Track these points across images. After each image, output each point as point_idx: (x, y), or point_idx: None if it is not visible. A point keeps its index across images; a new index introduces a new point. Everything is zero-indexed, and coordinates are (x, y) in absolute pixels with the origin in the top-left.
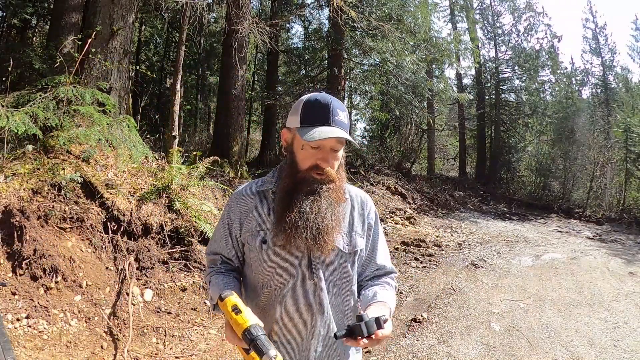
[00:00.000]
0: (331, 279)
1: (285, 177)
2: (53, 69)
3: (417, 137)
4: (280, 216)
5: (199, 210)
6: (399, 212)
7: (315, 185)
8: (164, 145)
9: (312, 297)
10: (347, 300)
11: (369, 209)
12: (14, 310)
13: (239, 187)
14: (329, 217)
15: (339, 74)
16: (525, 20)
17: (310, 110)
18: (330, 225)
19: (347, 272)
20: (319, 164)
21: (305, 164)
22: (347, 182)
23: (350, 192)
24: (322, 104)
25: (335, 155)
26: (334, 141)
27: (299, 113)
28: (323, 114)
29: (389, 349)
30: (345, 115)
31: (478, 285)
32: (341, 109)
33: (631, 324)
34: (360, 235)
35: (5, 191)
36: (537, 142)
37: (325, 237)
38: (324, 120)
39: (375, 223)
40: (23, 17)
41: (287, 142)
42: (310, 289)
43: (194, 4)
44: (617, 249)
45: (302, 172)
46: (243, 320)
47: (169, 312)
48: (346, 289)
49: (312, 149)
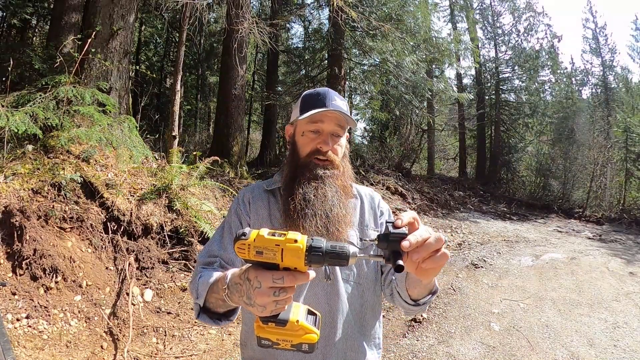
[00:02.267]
0: (347, 278)
1: (286, 167)
2: (53, 69)
3: (417, 137)
4: (286, 205)
5: (199, 210)
6: (399, 212)
7: (317, 170)
8: (164, 145)
9: (329, 296)
10: (367, 299)
11: (377, 202)
12: (14, 310)
13: (243, 189)
14: (337, 206)
15: (339, 74)
16: (525, 20)
17: (308, 99)
18: (340, 214)
19: (363, 269)
20: (320, 147)
21: (305, 149)
22: (355, 182)
23: (359, 189)
24: (319, 93)
25: (336, 140)
26: (333, 124)
27: (299, 105)
28: (320, 100)
29: (389, 349)
30: (344, 104)
31: (478, 285)
32: (339, 98)
33: (631, 324)
34: (373, 229)
35: (5, 191)
36: (537, 142)
37: (337, 226)
38: (321, 104)
39: (389, 215)
40: (23, 17)
41: (290, 136)
42: (326, 288)
43: (194, 4)
44: (617, 249)
45: (303, 158)
46: (293, 238)
47: (169, 312)
48: (365, 287)
49: (312, 134)
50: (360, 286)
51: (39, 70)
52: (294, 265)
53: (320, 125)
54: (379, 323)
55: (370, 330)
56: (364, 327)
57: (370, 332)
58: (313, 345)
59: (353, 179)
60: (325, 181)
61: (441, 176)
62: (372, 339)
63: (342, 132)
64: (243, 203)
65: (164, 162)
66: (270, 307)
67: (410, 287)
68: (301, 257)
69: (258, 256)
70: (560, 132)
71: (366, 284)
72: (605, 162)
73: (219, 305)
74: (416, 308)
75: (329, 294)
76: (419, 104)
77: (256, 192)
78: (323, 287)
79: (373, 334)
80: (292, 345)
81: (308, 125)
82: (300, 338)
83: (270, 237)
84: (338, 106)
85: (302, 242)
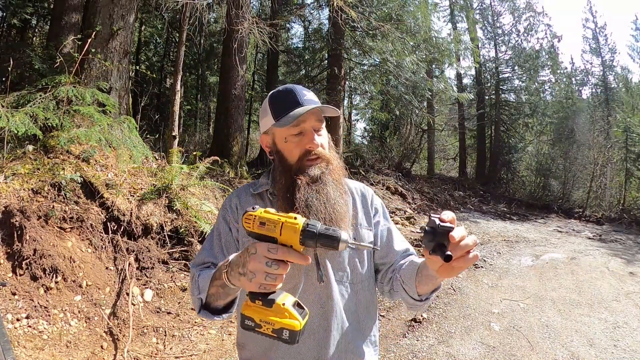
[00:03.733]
0: (341, 280)
1: (279, 177)
2: (53, 69)
3: (417, 137)
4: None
5: (199, 210)
6: (399, 212)
7: (313, 171)
8: (164, 145)
9: (322, 299)
10: (362, 298)
11: (371, 199)
12: (14, 310)
13: (229, 195)
14: (339, 203)
15: (339, 74)
16: (525, 20)
17: (277, 101)
18: (342, 212)
19: (357, 269)
20: (308, 148)
21: (294, 155)
22: (347, 176)
23: (349, 185)
24: (286, 91)
25: (320, 134)
26: (313, 120)
27: (268, 111)
28: (291, 98)
29: (389, 349)
30: (312, 95)
31: (478, 285)
32: (306, 90)
33: (631, 324)
34: (367, 228)
35: (6, 191)
36: (537, 142)
37: (340, 224)
38: (295, 103)
39: (383, 212)
40: (23, 17)
41: (269, 147)
42: (320, 291)
43: (194, 4)
44: (617, 249)
45: (295, 164)
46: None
47: (169, 312)
48: (359, 286)
49: (295, 138)
50: (354, 286)
51: (39, 70)
52: (290, 241)
53: (302, 125)
54: (375, 322)
55: (367, 330)
56: (360, 327)
57: (366, 332)
58: (295, 334)
59: (343, 168)
60: (324, 180)
61: (441, 176)
62: (369, 338)
63: (322, 124)
64: (231, 209)
65: (164, 162)
66: (261, 277)
67: (422, 283)
68: (297, 233)
69: (261, 227)
70: (560, 132)
71: (360, 284)
72: (605, 162)
73: (219, 295)
74: (421, 303)
75: (322, 297)
76: (419, 104)
77: (243, 197)
78: (316, 290)
79: (369, 334)
80: (274, 330)
81: (290, 130)
82: (283, 322)
83: (275, 213)
84: (312, 100)
85: (300, 221)
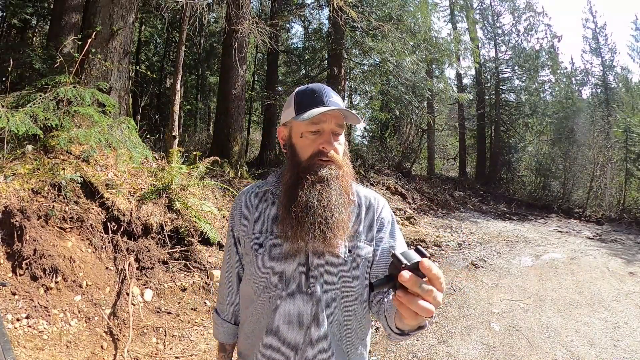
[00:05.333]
0: (330, 290)
1: (287, 171)
2: (53, 69)
3: (417, 137)
4: (285, 212)
5: (199, 210)
6: (399, 212)
7: (321, 170)
8: (164, 145)
9: (307, 306)
10: (352, 315)
11: (379, 212)
12: (14, 310)
13: (237, 198)
14: (339, 210)
15: (339, 74)
16: (525, 20)
17: (303, 97)
18: (341, 220)
19: (349, 283)
20: (322, 148)
21: (307, 152)
22: (356, 181)
23: (359, 193)
24: (315, 90)
25: (337, 139)
26: (333, 123)
27: (292, 104)
28: (318, 97)
29: (389, 349)
30: (339, 99)
31: (478, 285)
32: (335, 94)
33: (631, 324)
34: (366, 243)
35: (6, 191)
36: (537, 142)
37: (336, 232)
38: (319, 102)
39: (391, 228)
40: (23, 17)
41: (284, 139)
42: (305, 297)
43: (194, 4)
44: (617, 249)
45: (305, 161)
46: None
47: (169, 312)
48: (350, 301)
49: (312, 135)
50: (344, 300)
51: (39, 70)
52: None
53: (321, 125)
54: (364, 344)
55: (352, 348)
56: (343, 344)
57: (351, 350)
58: None
59: (353, 177)
60: (330, 183)
61: (441, 176)
62: (354, 356)
63: (342, 130)
64: (234, 220)
65: (164, 162)
66: None
67: (398, 319)
68: None
69: None
70: (560, 132)
71: (352, 300)
72: (605, 162)
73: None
74: (400, 337)
75: (307, 304)
76: (419, 104)
77: (247, 199)
78: (302, 296)
79: (355, 352)
80: None
81: (308, 126)
82: None
83: None
84: (337, 104)
85: None
